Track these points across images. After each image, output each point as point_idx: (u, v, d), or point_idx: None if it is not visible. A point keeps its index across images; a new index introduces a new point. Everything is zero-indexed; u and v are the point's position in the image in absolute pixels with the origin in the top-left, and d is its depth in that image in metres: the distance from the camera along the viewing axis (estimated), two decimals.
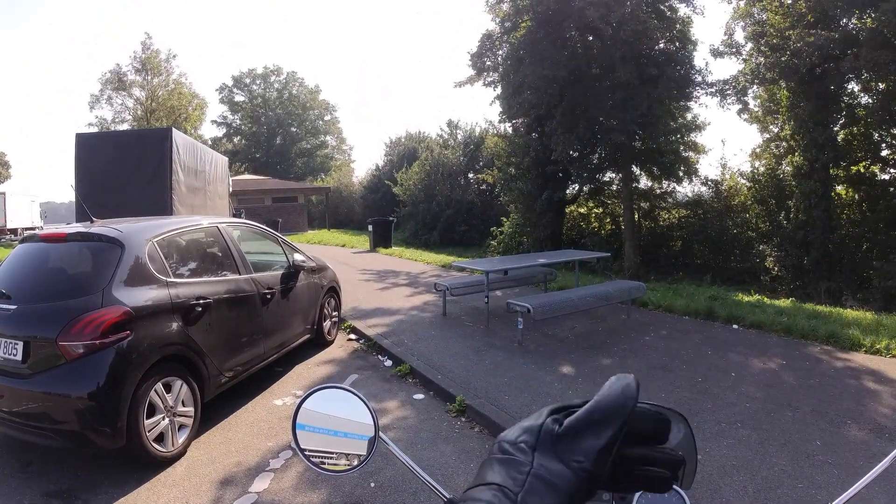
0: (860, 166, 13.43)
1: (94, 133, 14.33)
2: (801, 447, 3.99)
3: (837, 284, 12.19)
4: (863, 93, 12.85)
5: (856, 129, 13.22)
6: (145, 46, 41.76)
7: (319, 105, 59.65)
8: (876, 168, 13.50)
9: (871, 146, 13.25)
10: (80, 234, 4.39)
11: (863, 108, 12.82)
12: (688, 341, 6.88)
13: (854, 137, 13.36)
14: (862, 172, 13.43)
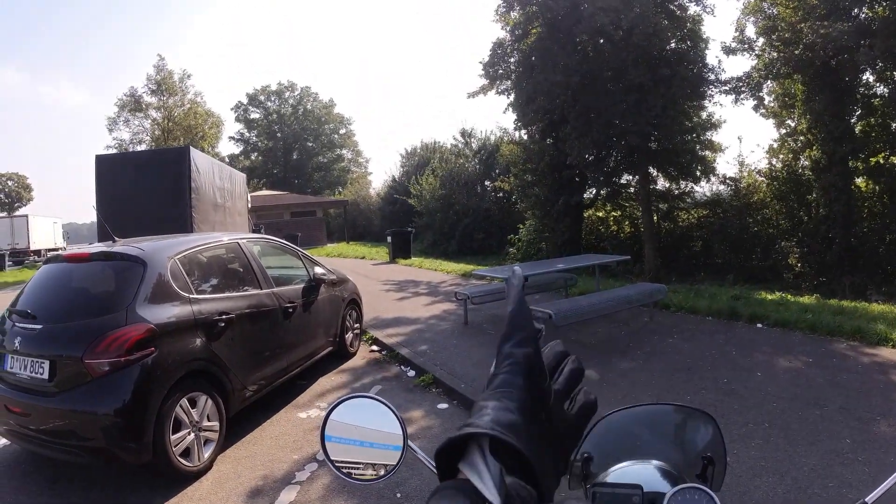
0: (879, 157, 13.20)
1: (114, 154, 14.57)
2: (831, 446, 3.93)
3: (861, 279, 11.97)
4: (878, 83, 12.67)
5: (873, 119, 13.03)
6: (159, 69, 42.41)
7: (334, 119, 60.17)
8: (895, 159, 13.29)
9: (889, 136, 13.03)
10: (103, 253, 4.47)
11: (879, 98, 12.64)
12: (711, 342, 6.81)
13: (871, 128, 13.17)
14: (881, 163, 13.19)
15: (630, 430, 1.30)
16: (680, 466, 1.11)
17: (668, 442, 1.26)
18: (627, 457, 1.13)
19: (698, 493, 0.89)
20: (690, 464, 1.14)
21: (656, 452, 1.16)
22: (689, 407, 1.27)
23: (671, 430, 1.30)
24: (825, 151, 12.55)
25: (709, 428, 1.21)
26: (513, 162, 18.34)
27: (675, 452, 1.20)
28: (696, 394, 5.09)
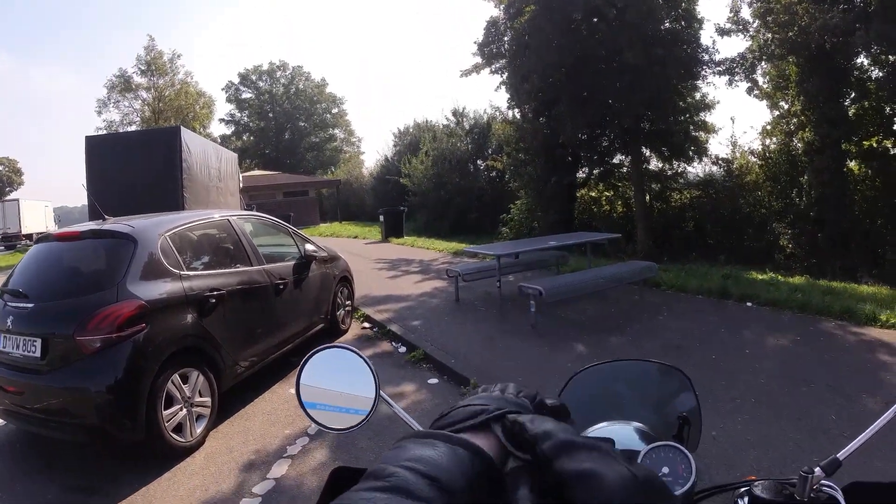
0: (872, 141, 13.22)
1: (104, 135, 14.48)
2: (817, 422, 3.98)
3: (852, 261, 12.06)
4: (873, 66, 12.65)
5: (867, 103, 13.02)
6: (149, 49, 41.97)
7: (326, 98, 59.68)
8: (888, 142, 13.27)
9: (882, 120, 13.04)
10: (93, 231, 4.46)
11: (873, 81, 12.62)
12: (701, 320, 6.86)
13: (865, 112, 13.16)
14: (874, 147, 13.21)
15: (606, 388, 1.33)
16: (658, 428, 1.12)
17: (645, 402, 1.28)
18: (605, 417, 1.15)
19: (673, 451, 0.91)
20: (668, 425, 1.16)
21: (634, 414, 1.18)
22: (662, 363, 1.28)
23: (647, 388, 1.33)
24: (818, 134, 12.55)
25: (683, 386, 1.23)
26: (506, 141, 18.27)
27: (653, 413, 1.22)
28: (685, 370, 5.04)
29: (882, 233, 12.44)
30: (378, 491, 0.38)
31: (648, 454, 0.91)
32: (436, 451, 0.43)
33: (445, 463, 0.41)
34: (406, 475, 0.39)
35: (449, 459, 0.42)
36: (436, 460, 0.41)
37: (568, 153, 15.70)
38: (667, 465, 0.90)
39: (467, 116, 26.40)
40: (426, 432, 0.46)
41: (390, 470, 0.40)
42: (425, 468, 0.40)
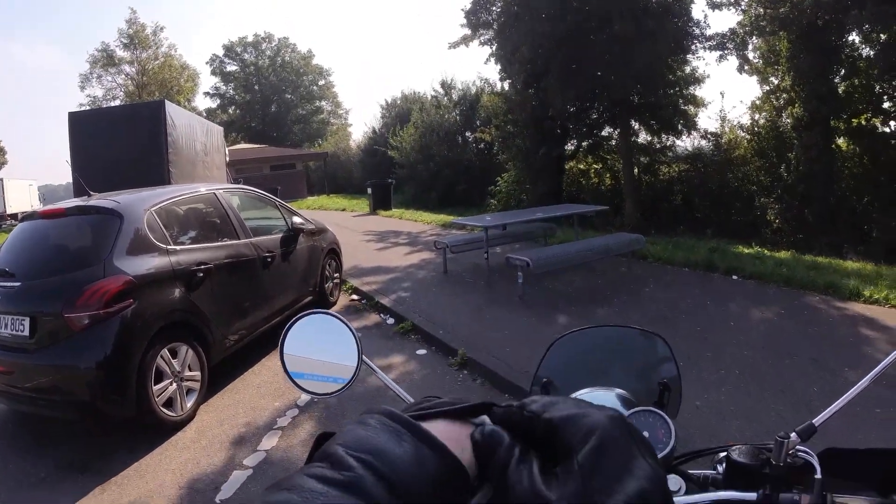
0: (861, 119, 13.22)
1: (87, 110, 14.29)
2: (799, 394, 4.05)
3: (838, 237, 12.15)
4: (864, 44, 12.60)
5: (857, 80, 13.00)
6: (131, 22, 41.13)
7: (313, 70, 58.77)
8: (877, 121, 13.27)
9: (872, 98, 13.04)
10: (78, 207, 4.42)
11: (864, 59, 12.59)
12: (687, 292, 6.93)
13: (855, 89, 13.15)
14: (863, 125, 13.22)
15: (588, 354, 1.34)
16: (639, 394, 1.14)
17: (626, 368, 1.30)
18: (587, 383, 1.17)
19: (653, 416, 0.93)
20: (649, 391, 1.18)
21: (616, 380, 1.19)
22: (643, 329, 1.30)
23: (628, 355, 1.34)
24: (808, 110, 12.55)
25: (663, 353, 1.24)
26: (494, 113, 18.16)
27: (634, 379, 1.23)
28: (671, 341, 5.07)
29: (868, 210, 12.51)
30: (332, 485, 0.37)
31: (629, 419, 0.93)
32: (401, 448, 0.41)
33: (407, 465, 0.40)
34: (363, 474, 0.38)
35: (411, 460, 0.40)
36: (397, 459, 0.40)
37: (557, 125, 15.62)
38: (647, 430, 0.92)
39: (456, 88, 26.15)
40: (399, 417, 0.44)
41: (348, 462, 0.39)
42: (385, 468, 0.39)
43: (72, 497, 3.41)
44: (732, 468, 0.83)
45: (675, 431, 0.92)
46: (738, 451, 0.83)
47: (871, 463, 0.83)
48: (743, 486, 0.80)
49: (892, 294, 6.23)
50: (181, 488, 3.46)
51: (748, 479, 0.81)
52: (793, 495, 0.75)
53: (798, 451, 0.80)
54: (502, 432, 0.46)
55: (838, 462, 0.83)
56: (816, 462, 0.78)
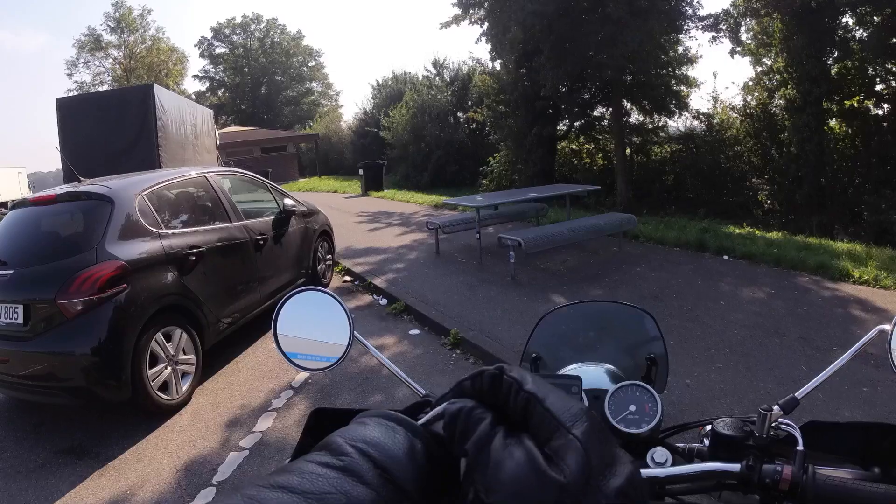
0: (854, 101, 13.23)
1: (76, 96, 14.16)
2: (788, 372, 4.10)
3: (829, 218, 12.22)
4: (857, 26, 12.56)
5: (850, 62, 12.98)
6: (118, 5, 40.53)
7: (303, 51, 58.10)
8: (870, 103, 13.28)
9: (865, 80, 13.03)
10: (68, 194, 4.39)
11: (857, 41, 12.57)
12: (678, 272, 6.98)
13: (848, 71, 13.14)
14: (856, 107, 13.23)
15: (576, 330, 1.36)
16: (627, 369, 1.16)
17: (614, 343, 1.31)
18: (576, 359, 1.18)
19: (640, 391, 0.95)
20: (637, 366, 1.20)
21: (604, 355, 1.21)
22: (630, 305, 1.32)
23: (616, 330, 1.36)
24: (800, 91, 12.52)
25: (650, 328, 1.26)
26: (486, 93, 18.09)
27: (622, 355, 1.25)
28: (662, 320, 5.15)
29: (860, 191, 12.56)
30: (330, 468, 0.38)
31: (616, 393, 0.95)
32: (394, 440, 0.42)
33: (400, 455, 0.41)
34: (359, 459, 0.39)
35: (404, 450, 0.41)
36: (391, 449, 0.41)
37: (549, 105, 15.58)
38: (633, 404, 0.93)
39: (448, 68, 25.99)
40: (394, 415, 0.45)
41: (346, 449, 0.40)
42: (379, 455, 0.40)
43: (70, 482, 3.43)
44: (717, 440, 0.84)
45: (661, 405, 0.94)
46: (723, 424, 0.84)
47: (853, 436, 0.85)
48: (727, 458, 0.81)
49: (882, 275, 6.28)
50: (178, 471, 3.49)
51: (732, 451, 0.82)
52: (775, 466, 0.76)
53: (781, 423, 0.82)
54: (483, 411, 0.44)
55: (820, 435, 0.84)
56: (799, 434, 0.80)
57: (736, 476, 0.79)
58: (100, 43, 40.62)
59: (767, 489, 0.77)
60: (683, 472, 0.81)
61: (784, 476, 0.74)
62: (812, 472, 0.74)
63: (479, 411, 0.43)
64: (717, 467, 0.80)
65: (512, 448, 0.39)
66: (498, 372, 0.45)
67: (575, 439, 0.38)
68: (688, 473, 0.81)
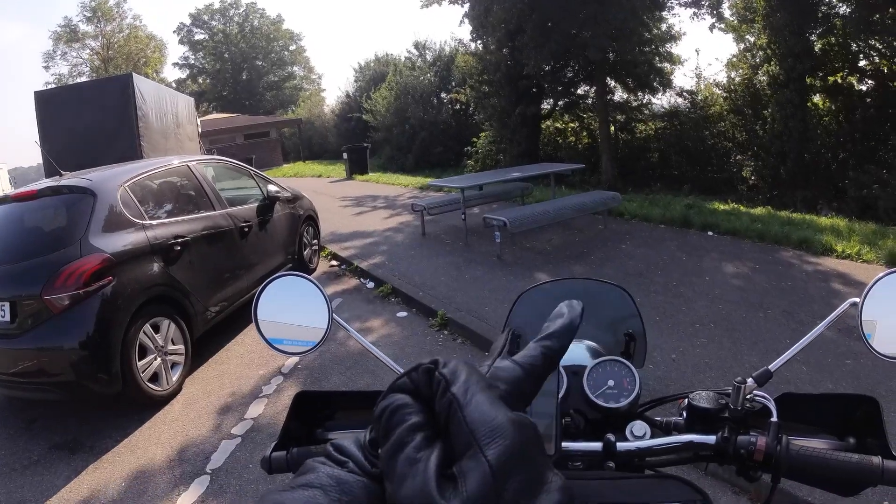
0: (837, 77, 13.25)
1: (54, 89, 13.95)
2: (772, 346, 4.16)
3: (813, 194, 12.29)
4: (840, 2, 12.56)
5: (833, 38, 12.99)
6: None
7: (283, 35, 57.33)
8: (853, 79, 13.31)
9: (848, 57, 13.05)
10: (50, 188, 4.35)
11: (840, 17, 12.57)
12: (663, 248, 7.03)
13: (831, 47, 13.15)
14: (839, 83, 13.24)
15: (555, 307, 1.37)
16: (607, 345, 1.18)
17: (592, 320, 1.33)
18: None
19: (618, 366, 0.97)
20: (616, 342, 1.22)
21: (583, 332, 1.23)
22: (606, 281, 1.32)
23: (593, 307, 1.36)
24: (783, 67, 12.52)
25: (627, 304, 1.27)
26: (469, 73, 18.00)
27: (600, 331, 1.27)
28: (647, 296, 5.31)
29: (843, 167, 12.63)
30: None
31: (595, 368, 0.97)
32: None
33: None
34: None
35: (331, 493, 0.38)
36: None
37: (532, 84, 15.56)
38: (612, 379, 0.95)
39: (430, 49, 25.79)
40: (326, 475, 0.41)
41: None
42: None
43: (65, 477, 3.44)
44: (693, 413, 0.86)
45: (639, 380, 0.95)
46: (699, 397, 0.86)
47: (827, 406, 0.87)
48: (704, 430, 0.84)
49: (864, 249, 6.33)
50: (172, 461, 3.51)
51: (708, 423, 0.84)
52: (749, 438, 0.78)
53: (756, 395, 0.84)
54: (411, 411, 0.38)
55: (796, 406, 0.87)
56: (773, 406, 0.82)
57: (711, 448, 0.81)
58: (76, 34, 39.89)
59: (742, 460, 0.79)
60: (661, 444, 0.83)
61: (758, 447, 0.77)
62: (786, 442, 0.76)
63: (405, 411, 0.38)
64: (693, 439, 0.83)
65: (417, 463, 0.34)
66: (432, 366, 0.40)
67: (485, 462, 0.33)
68: (665, 446, 0.83)
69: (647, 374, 3.60)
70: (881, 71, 12.45)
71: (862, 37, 12.29)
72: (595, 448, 0.83)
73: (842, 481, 0.77)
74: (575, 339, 1.18)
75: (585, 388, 0.94)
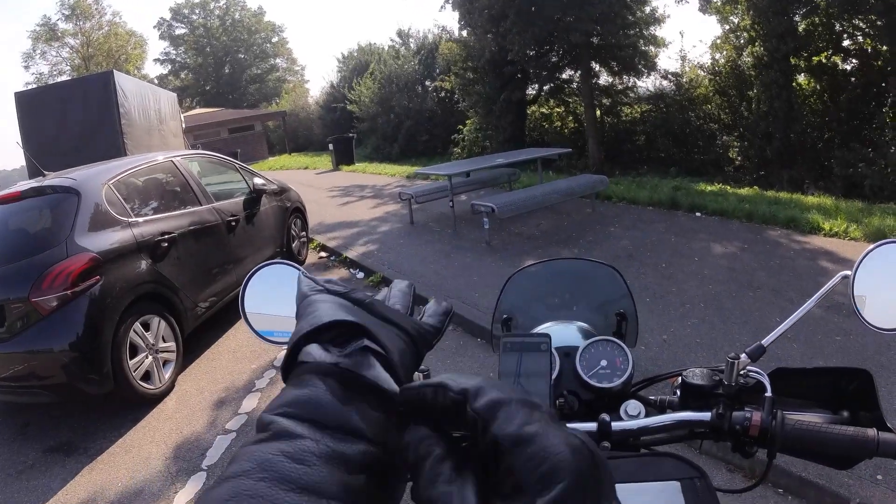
0: (821, 57, 13.28)
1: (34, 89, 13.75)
2: (762, 324, 4.19)
3: (799, 173, 12.36)
4: None
5: (817, 18, 12.99)
6: None
7: (265, 27, 56.78)
8: (837, 58, 13.35)
9: (832, 37, 13.06)
10: (34, 189, 4.29)
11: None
12: (652, 230, 7.06)
13: (815, 28, 13.16)
14: (823, 63, 13.28)
15: (545, 289, 1.36)
16: (599, 326, 1.18)
17: (584, 300, 1.32)
18: (548, 318, 1.20)
19: (611, 345, 0.97)
20: (608, 322, 1.22)
21: (575, 313, 1.23)
22: (596, 261, 1.32)
23: (585, 287, 1.36)
24: (767, 48, 12.53)
25: (618, 284, 1.27)
26: (453, 60, 17.91)
27: (592, 312, 1.26)
28: (637, 278, 5.33)
29: (829, 146, 12.69)
30: (262, 442, 0.36)
31: (587, 349, 0.96)
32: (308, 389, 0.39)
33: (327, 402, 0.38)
34: (284, 422, 0.37)
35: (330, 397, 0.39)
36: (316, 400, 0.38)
37: (517, 70, 15.51)
38: (605, 359, 0.95)
39: (413, 37, 25.66)
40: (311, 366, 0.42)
41: (269, 419, 0.38)
42: (303, 412, 0.38)
43: (61, 480, 3.42)
44: (687, 391, 0.87)
45: (632, 359, 0.95)
46: (692, 375, 0.87)
47: (821, 381, 0.87)
48: (698, 408, 0.84)
49: (851, 227, 6.38)
50: (167, 458, 3.50)
51: (703, 400, 0.85)
52: (744, 413, 0.78)
53: (749, 371, 0.84)
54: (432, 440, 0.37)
55: (789, 381, 0.87)
56: (767, 381, 0.82)
57: (706, 424, 0.81)
58: (55, 32, 39.35)
59: (737, 436, 0.79)
60: (656, 423, 0.83)
61: (753, 422, 0.77)
62: (780, 417, 0.76)
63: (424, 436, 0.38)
64: (688, 417, 0.83)
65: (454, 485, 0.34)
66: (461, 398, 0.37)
67: None
68: (660, 424, 0.83)
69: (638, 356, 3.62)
70: (865, 50, 12.47)
71: (845, 16, 12.29)
72: (590, 428, 0.83)
73: (837, 455, 0.77)
74: (566, 320, 1.18)
75: (578, 368, 0.94)
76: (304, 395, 0.39)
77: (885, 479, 2.52)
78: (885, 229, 6.18)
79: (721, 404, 0.81)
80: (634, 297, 1.25)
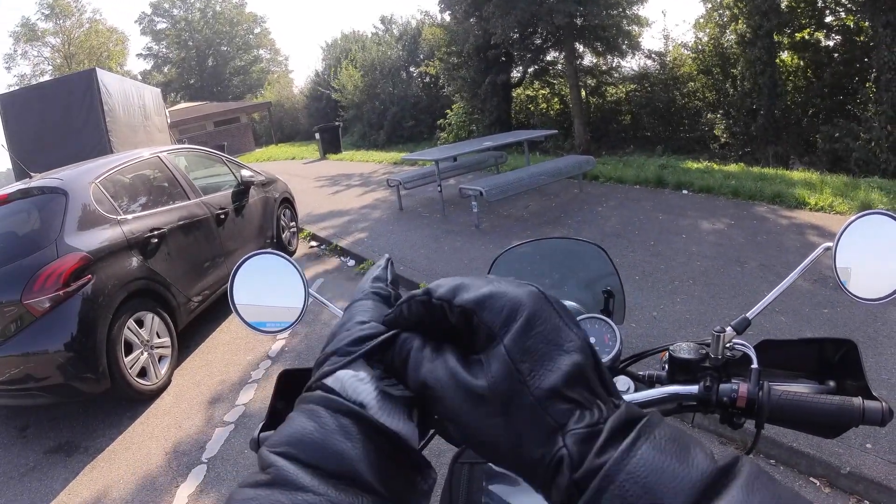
0: (805, 33, 13.31)
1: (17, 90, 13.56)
2: (750, 298, 4.23)
3: (785, 149, 12.44)
4: None
5: None
6: None
7: (247, 18, 56.03)
8: (820, 35, 13.37)
9: (814, 13, 13.07)
10: (21, 191, 4.26)
11: None
12: (639, 208, 7.10)
13: (797, 4, 13.18)
14: (806, 39, 13.30)
15: (532, 268, 1.38)
16: (587, 303, 1.20)
17: (571, 279, 1.34)
18: None
19: (598, 323, 0.99)
20: (596, 300, 1.24)
21: (563, 292, 1.24)
22: (581, 239, 1.34)
23: (571, 266, 1.38)
24: (750, 25, 12.53)
25: (604, 261, 1.28)
26: (437, 45, 17.84)
27: (580, 290, 1.28)
28: (625, 256, 5.38)
29: (813, 121, 12.76)
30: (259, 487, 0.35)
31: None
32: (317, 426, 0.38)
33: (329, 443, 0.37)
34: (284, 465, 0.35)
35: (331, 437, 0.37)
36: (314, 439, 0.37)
37: (501, 53, 15.46)
38: (593, 336, 0.97)
39: (396, 23, 25.47)
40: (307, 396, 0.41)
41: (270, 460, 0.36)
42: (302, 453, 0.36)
43: (63, 480, 3.44)
44: (675, 365, 0.88)
45: (620, 336, 0.97)
46: (679, 349, 0.88)
47: (807, 351, 0.89)
48: (686, 381, 0.85)
49: (837, 201, 6.45)
50: (167, 453, 3.53)
51: (690, 373, 0.86)
52: (731, 385, 0.80)
53: (735, 344, 0.85)
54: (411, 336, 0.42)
55: (775, 352, 0.88)
56: (753, 353, 0.83)
57: (694, 397, 0.82)
58: (35, 32, 38.77)
59: (725, 407, 0.80)
60: (645, 397, 0.84)
61: (740, 394, 0.78)
62: (767, 388, 0.77)
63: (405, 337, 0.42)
64: (676, 390, 0.84)
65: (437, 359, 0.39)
66: (426, 297, 0.41)
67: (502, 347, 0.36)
68: (649, 399, 0.84)
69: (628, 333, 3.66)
70: (847, 26, 12.49)
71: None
72: None
73: (824, 424, 0.78)
74: None
75: None
76: (310, 433, 0.37)
77: (874, 448, 2.58)
78: (871, 203, 6.25)
79: (708, 377, 0.82)
80: (624, 275, 1.26)
